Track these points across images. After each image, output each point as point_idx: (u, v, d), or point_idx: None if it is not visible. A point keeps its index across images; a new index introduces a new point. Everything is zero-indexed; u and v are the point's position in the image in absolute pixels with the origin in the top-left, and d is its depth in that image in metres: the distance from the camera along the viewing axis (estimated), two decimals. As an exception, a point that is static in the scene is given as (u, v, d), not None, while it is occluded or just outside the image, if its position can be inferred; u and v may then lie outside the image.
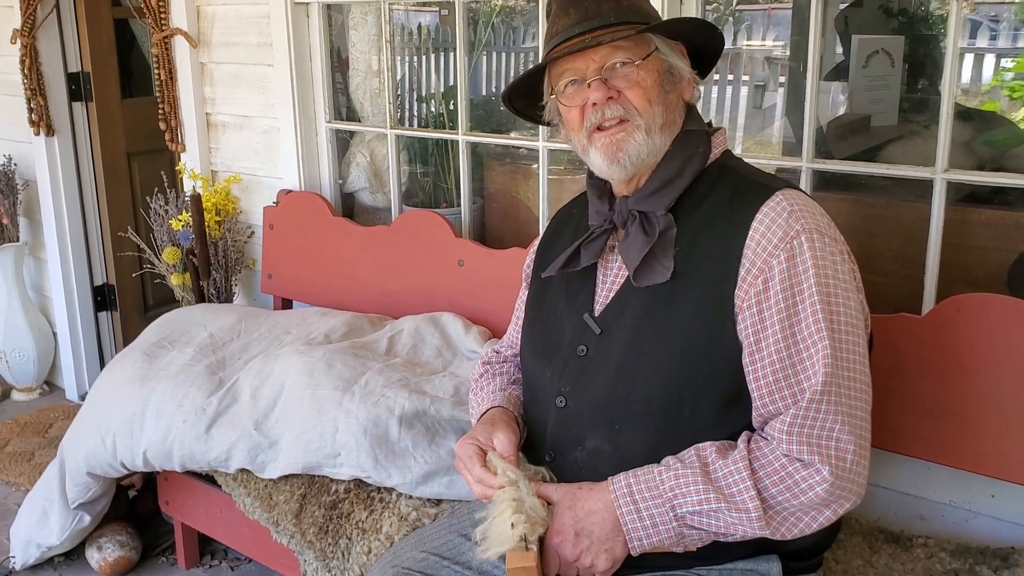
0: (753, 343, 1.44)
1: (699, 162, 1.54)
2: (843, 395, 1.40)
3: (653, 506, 1.42)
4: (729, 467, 1.41)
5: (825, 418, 1.39)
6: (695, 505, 1.40)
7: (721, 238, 1.47)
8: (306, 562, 2.28)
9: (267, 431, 2.38)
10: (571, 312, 1.63)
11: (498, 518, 1.45)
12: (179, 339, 2.80)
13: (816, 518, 1.41)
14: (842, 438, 1.40)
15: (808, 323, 1.41)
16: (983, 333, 1.91)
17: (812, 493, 1.38)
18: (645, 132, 1.50)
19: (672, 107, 1.53)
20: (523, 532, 1.42)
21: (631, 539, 1.44)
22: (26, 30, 3.75)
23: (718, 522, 1.41)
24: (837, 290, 1.43)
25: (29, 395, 4.34)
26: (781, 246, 1.42)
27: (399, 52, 3.52)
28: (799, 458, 1.39)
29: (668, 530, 1.43)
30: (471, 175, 3.02)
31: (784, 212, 1.44)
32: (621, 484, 1.45)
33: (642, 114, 1.50)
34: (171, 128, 3.54)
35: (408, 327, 2.73)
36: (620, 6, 1.50)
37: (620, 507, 1.44)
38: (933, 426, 1.98)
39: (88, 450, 2.63)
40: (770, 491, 1.40)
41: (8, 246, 4.13)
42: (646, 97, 1.50)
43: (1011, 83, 3.44)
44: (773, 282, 1.42)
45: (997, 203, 2.35)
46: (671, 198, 1.52)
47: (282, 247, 3.28)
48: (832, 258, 1.44)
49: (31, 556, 2.88)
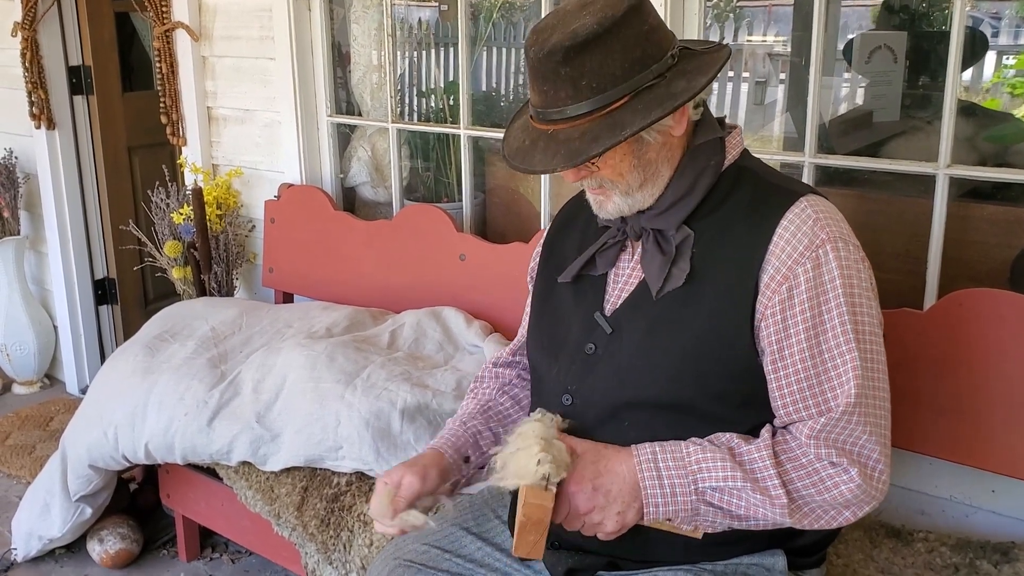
0: (776, 351, 1.43)
1: (711, 175, 1.51)
2: (870, 405, 1.41)
3: (676, 476, 1.42)
4: (754, 453, 1.41)
5: (855, 428, 1.40)
6: (719, 481, 1.40)
7: (741, 242, 1.46)
8: (307, 555, 2.29)
9: (269, 424, 2.38)
10: (579, 309, 1.62)
11: (524, 451, 1.42)
12: (181, 332, 2.80)
13: (836, 517, 1.42)
14: (868, 446, 1.41)
15: (836, 333, 1.41)
16: (985, 328, 1.92)
17: (837, 491, 1.39)
18: (624, 194, 1.49)
19: (655, 160, 1.48)
20: (547, 471, 1.39)
21: (647, 504, 1.43)
22: (27, 23, 3.74)
23: (740, 501, 1.40)
24: (862, 299, 1.43)
25: (30, 388, 4.34)
26: (807, 254, 1.41)
27: (400, 46, 3.51)
28: (828, 459, 1.40)
29: (686, 502, 1.42)
30: (472, 170, 3.02)
31: (809, 220, 1.43)
32: (646, 451, 1.45)
33: (616, 184, 1.48)
34: (172, 122, 3.53)
35: (410, 321, 2.73)
36: (577, 88, 1.38)
37: (643, 471, 1.43)
38: (934, 421, 1.99)
39: (90, 442, 2.63)
40: (796, 484, 1.40)
41: (9, 239, 4.13)
42: (617, 172, 1.46)
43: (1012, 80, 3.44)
44: (799, 290, 1.41)
45: (999, 199, 2.35)
46: (684, 214, 1.50)
47: (283, 241, 3.28)
48: (856, 266, 1.44)
49: (33, 548, 2.89)
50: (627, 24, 1.37)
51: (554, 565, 1.61)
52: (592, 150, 1.37)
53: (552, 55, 1.37)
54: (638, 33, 1.38)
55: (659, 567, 1.56)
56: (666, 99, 1.38)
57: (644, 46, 1.39)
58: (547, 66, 1.39)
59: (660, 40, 1.42)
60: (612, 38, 1.36)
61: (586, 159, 1.38)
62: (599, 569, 1.59)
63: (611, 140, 1.36)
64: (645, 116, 1.37)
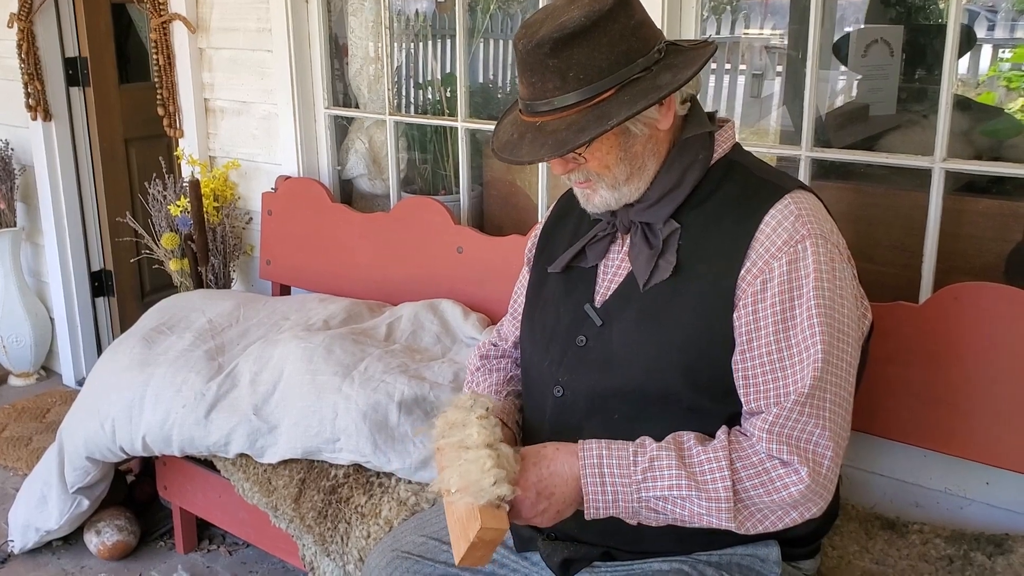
0: (744, 341, 1.44)
1: (699, 169, 1.52)
2: (828, 401, 1.40)
3: (620, 484, 1.42)
4: (708, 454, 1.41)
5: (807, 421, 1.39)
6: (663, 490, 1.40)
7: (727, 235, 1.47)
8: (305, 546, 2.30)
9: (266, 416, 2.39)
10: (569, 301, 1.63)
11: (473, 463, 1.39)
12: (178, 325, 2.80)
13: (782, 518, 1.41)
14: (821, 443, 1.40)
15: (803, 327, 1.41)
16: (980, 321, 1.93)
17: (786, 492, 1.38)
18: (610, 188, 1.50)
19: (641, 153, 1.49)
20: (504, 493, 1.37)
21: (588, 506, 1.44)
22: (23, 14, 3.73)
23: (682, 510, 1.40)
24: (835, 297, 1.42)
25: (26, 380, 4.34)
26: (785, 249, 1.42)
27: (397, 38, 3.51)
28: (779, 457, 1.39)
29: (628, 508, 1.43)
30: (470, 162, 3.02)
31: (791, 215, 1.44)
32: (592, 453, 1.44)
33: (602, 176, 1.49)
34: (169, 114, 3.53)
35: (407, 313, 2.73)
36: (565, 80, 1.40)
37: (586, 476, 1.43)
38: (929, 413, 2.00)
39: (87, 435, 2.63)
40: (744, 484, 1.39)
41: (5, 231, 4.12)
42: (603, 164, 1.48)
43: (1008, 73, 3.44)
44: (772, 283, 1.42)
45: (995, 192, 2.36)
46: (671, 208, 1.51)
47: (280, 233, 3.28)
48: (833, 264, 1.44)
49: (30, 540, 2.89)
50: (614, 18, 1.39)
51: (550, 555, 1.62)
52: (579, 139, 1.38)
53: (540, 47, 1.39)
54: (624, 27, 1.41)
55: (654, 558, 1.57)
56: (651, 91, 1.40)
57: (631, 40, 1.41)
58: (535, 58, 1.41)
59: (647, 35, 1.44)
60: (599, 31, 1.39)
61: (572, 148, 1.40)
62: (594, 559, 1.60)
63: (597, 129, 1.38)
64: (631, 107, 1.38)
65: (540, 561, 1.65)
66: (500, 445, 1.42)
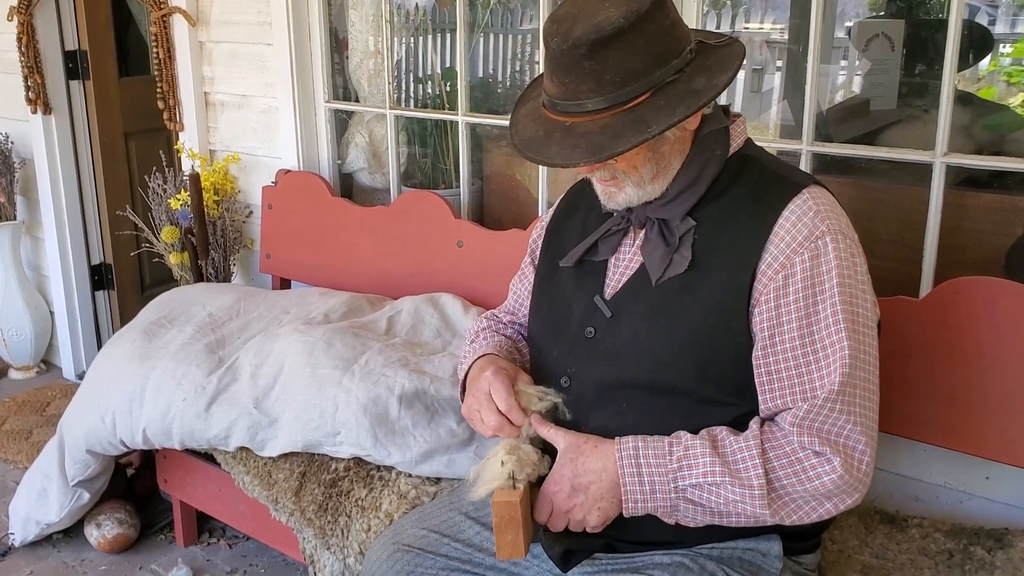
0: (767, 338, 1.44)
1: (716, 164, 1.52)
2: (857, 395, 1.42)
3: (656, 473, 1.43)
4: (740, 443, 1.42)
5: (839, 416, 1.40)
6: (698, 477, 1.41)
7: (743, 230, 1.47)
8: (305, 540, 2.30)
9: (267, 409, 2.39)
10: (580, 292, 1.63)
11: (491, 459, 1.50)
12: (178, 318, 2.80)
13: (816, 509, 1.42)
14: (853, 436, 1.41)
15: (828, 323, 1.41)
16: (980, 316, 1.93)
17: (819, 482, 1.39)
18: (636, 186, 1.50)
19: (668, 153, 1.49)
20: (511, 470, 1.46)
21: (627, 500, 1.45)
22: (23, 7, 3.73)
23: (718, 498, 1.41)
24: (856, 291, 1.44)
25: (26, 374, 4.34)
26: (806, 244, 1.42)
27: (398, 32, 3.50)
28: (811, 448, 1.40)
29: (665, 499, 1.44)
30: (470, 156, 3.02)
31: (811, 211, 1.44)
32: (628, 446, 1.46)
33: (629, 175, 1.49)
34: (169, 107, 3.52)
35: (407, 307, 2.73)
36: (600, 83, 1.37)
37: (623, 468, 1.45)
38: (929, 408, 2.00)
39: (87, 428, 2.63)
40: (777, 473, 1.40)
41: (5, 225, 4.12)
42: (632, 165, 1.47)
43: (1009, 68, 3.45)
44: (794, 279, 1.42)
45: (996, 187, 2.36)
46: (689, 204, 1.51)
47: (280, 227, 3.27)
48: (853, 259, 1.45)
49: (30, 533, 2.90)
50: (651, 19, 1.37)
51: (551, 547, 1.62)
52: (617, 147, 1.37)
53: (576, 48, 1.36)
54: (660, 28, 1.39)
55: (655, 550, 1.57)
56: (688, 96, 1.38)
57: (665, 42, 1.39)
58: (570, 58, 1.38)
59: (679, 35, 1.42)
60: (636, 33, 1.36)
61: (611, 155, 1.38)
62: (595, 551, 1.61)
63: (638, 138, 1.36)
64: (670, 114, 1.37)
65: (542, 553, 1.65)
66: (520, 445, 1.51)
